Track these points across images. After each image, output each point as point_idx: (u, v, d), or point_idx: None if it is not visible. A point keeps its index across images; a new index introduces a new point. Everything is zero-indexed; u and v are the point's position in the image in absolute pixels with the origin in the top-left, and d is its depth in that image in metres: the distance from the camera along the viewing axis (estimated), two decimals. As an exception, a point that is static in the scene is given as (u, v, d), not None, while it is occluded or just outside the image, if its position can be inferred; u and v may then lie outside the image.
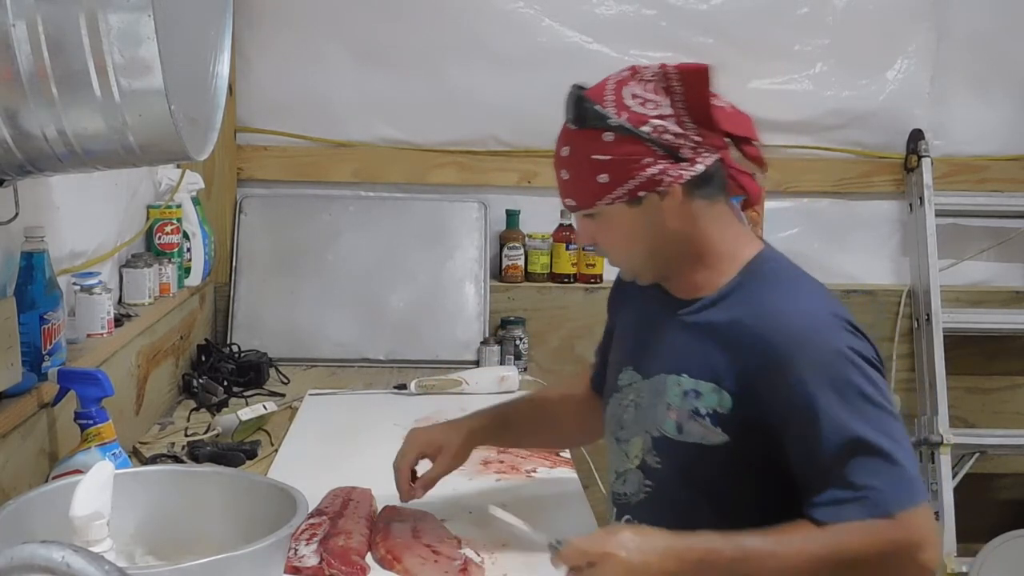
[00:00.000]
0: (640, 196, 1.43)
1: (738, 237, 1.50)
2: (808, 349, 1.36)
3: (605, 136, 1.43)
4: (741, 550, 1.31)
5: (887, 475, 1.31)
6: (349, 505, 1.73)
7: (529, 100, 2.98)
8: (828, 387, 1.33)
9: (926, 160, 3.01)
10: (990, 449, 3.00)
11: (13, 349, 1.51)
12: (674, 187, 1.42)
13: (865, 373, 1.35)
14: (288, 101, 2.99)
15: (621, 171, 1.43)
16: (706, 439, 1.42)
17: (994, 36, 3.08)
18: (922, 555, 1.30)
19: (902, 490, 1.31)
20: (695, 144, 1.43)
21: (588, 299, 3.01)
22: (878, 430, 1.32)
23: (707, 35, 2.98)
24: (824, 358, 1.35)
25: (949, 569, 2.86)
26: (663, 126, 1.41)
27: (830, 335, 1.37)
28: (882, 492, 1.30)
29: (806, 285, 1.48)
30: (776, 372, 1.36)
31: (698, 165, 1.43)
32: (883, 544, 1.29)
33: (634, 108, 1.43)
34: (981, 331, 3.05)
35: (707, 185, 1.45)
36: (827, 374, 1.34)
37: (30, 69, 1.18)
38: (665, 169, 1.42)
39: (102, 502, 1.13)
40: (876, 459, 1.31)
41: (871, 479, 1.30)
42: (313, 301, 2.91)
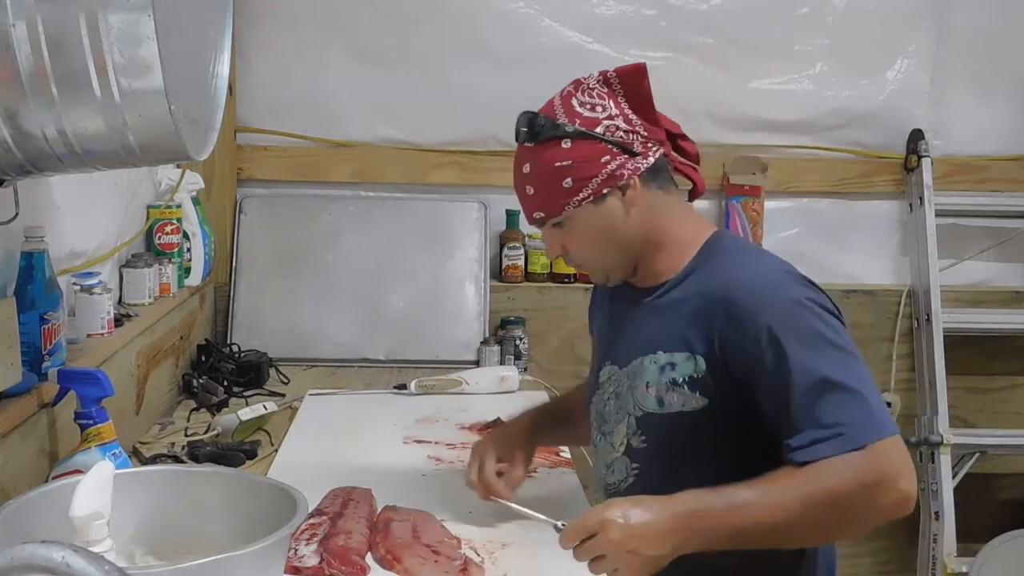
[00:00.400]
0: (604, 193, 1.54)
1: (693, 223, 1.61)
2: (768, 302, 1.44)
3: (563, 143, 1.55)
4: (730, 501, 1.37)
5: (856, 411, 1.37)
6: (349, 505, 1.73)
7: (529, 100, 2.95)
8: (791, 335, 1.40)
9: (926, 160, 3.01)
10: (990, 449, 3.00)
11: (13, 349, 1.51)
12: (633, 180, 1.54)
13: (824, 319, 1.43)
14: (288, 101, 2.99)
15: (583, 172, 1.53)
16: (687, 405, 1.49)
17: (994, 36, 3.08)
18: (901, 483, 1.35)
19: (872, 424, 1.36)
20: (644, 138, 1.54)
21: (588, 299, 2.99)
22: (843, 370, 1.39)
23: (707, 35, 2.98)
24: (784, 309, 1.43)
25: (949, 569, 2.87)
26: (614, 124, 1.53)
27: (787, 288, 1.46)
28: (854, 427, 1.36)
29: (759, 253, 1.60)
30: (741, 328, 1.44)
31: (649, 158, 1.55)
32: (863, 475, 1.35)
33: (584, 114, 1.55)
34: (981, 331, 3.05)
35: (658, 176, 1.57)
36: (789, 323, 1.41)
37: (30, 69, 1.18)
38: (623, 164, 1.53)
39: (102, 502, 1.13)
40: (844, 396, 1.37)
41: (842, 416, 1.36)
42: (313, 301, 2.91)
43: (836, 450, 1.36)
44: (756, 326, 1.42)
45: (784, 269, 1.51)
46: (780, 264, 1.54)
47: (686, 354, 1.50)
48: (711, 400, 1.48)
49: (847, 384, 1.38)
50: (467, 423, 2.31)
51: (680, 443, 1.53)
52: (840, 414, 1.37)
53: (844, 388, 1.38)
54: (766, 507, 1.37)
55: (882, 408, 1.40)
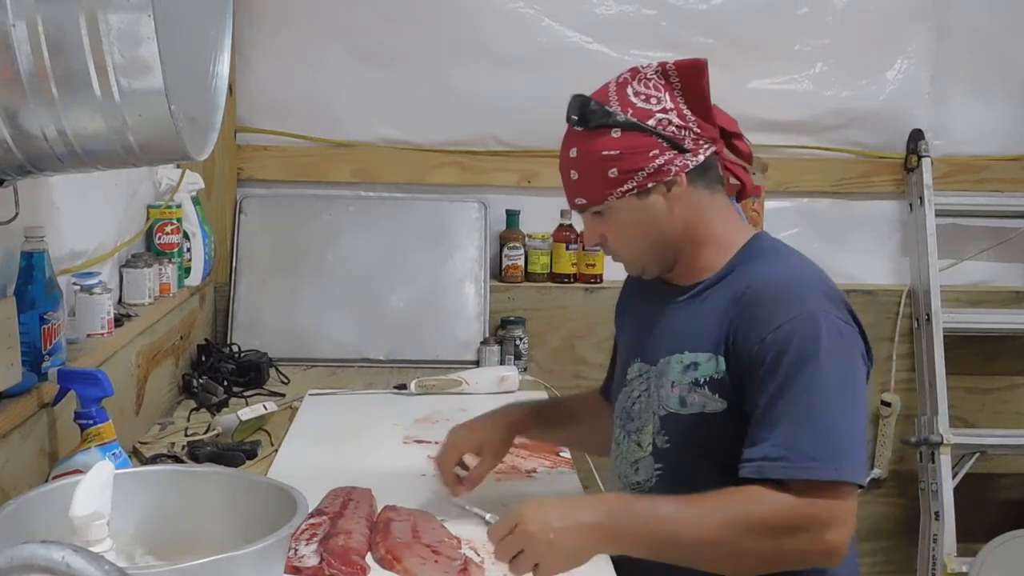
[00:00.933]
0: (649, 187, 1.52)
1: (736, 224, 1.60)
2: (783, 306, 1.41)
3: (613, 133, 1.51)
4: (654, 511, 1.38)
5: (819, 444, 1.34)
6: (349, 505, 1.73)
7: (529, 100, 2.99)
8: (792, 345, 1.38)
9: (926, 160, 3.01)
10: (990, 449, 3.00)
11: (13, 349, 1.51)
12: (680, 177, 1.51)
13: (834, 343, 1.38)
14: (288, 101, 2.99)
15: (630, 164, 1.50)
16: (707, 407, 1.48)
17: (994, 36, 3.08)
18: (828, 534, 1.33)
19: (828, 463, 1.33)
20: (696, 136, 1.51)
21: (588, 299, 3.01)
22: (828, 400, 1.36)
23: (707, 35, 2.98)
24: (797, 317, 1.39)
25: (949, 569, 2.86)
26: (666, 119, 1.50)
27: (807, 297, 1.42)
28: (807, 459, 1.33)
29: (797, 258, 1.55)
30: (755, 325, 1.42)
31: (699, 156, 1.52)
32: (790, 516, 1.33)
33: (638, 104, 1.51)
34: (981, 331, 3.05)
35: (706, 175, 1.54)
36: (795, 332, 1.38)
37: (30, 69, 1.18)
38: (671, 159, 1.50)
39: (102, 502, 1.12)
40: (814, 426, 1.34)
41: (800, 444, 1.34)
42: (313, 301, 2.91)
43: (778, 474, 1.34)
44: (765, 327, 1.41)
45: (816, 277, 1.49)
46: (813, 271, 1.51)
47: (709, 354, 1.48)
48: (729, 403, 1.46)
49: (824, 415, 1.35)
50: (467, 423, 2.31)
51: (699, 445, 1.51)
52: (799, 441, 1.34)
53: (818, 417, 1.35)
54: (686, 523, 1.36)
55: (853, 452, 1.36)
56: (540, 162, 3.02)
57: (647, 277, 1.64)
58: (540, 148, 3.02)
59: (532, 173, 3.03)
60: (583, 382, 3.02)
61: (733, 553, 1.35)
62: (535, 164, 3.02)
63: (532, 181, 3.03)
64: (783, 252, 1.56)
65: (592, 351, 3.02)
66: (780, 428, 1.35)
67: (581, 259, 3.01)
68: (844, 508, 1.34)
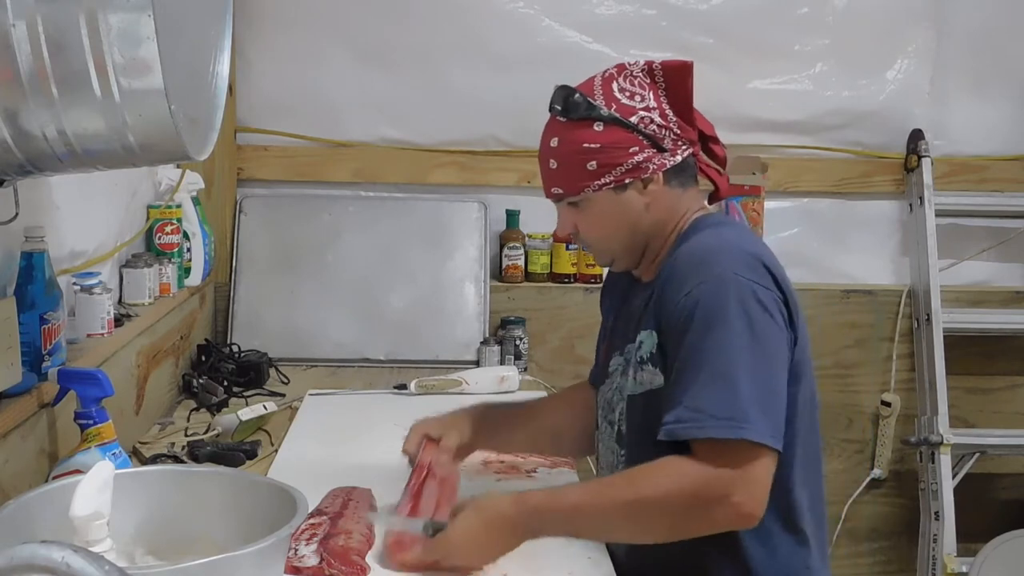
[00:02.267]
0: (626, 183, 1.55)
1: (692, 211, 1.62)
2: (698, 271, 1.43)
3: (595, 126, 1.54)
4: (562, 502, 1.43)
5: (724, 402, 1.34)
6: (349, 505, 1.73)
7: (529, 100, 2.95)
8: (703, 308, 1.40)
9: (926, 160, 3.01)
10: (990, 449, 3.00)
11: (13, 349, 1.51)
12: (657, 175, 1.55)
13: (746, 303, 1.39)
14: (288, 101, 2.99)
15: (610, 159, 1.53)
16: (652, 383, 1.50)
17: (994, 36, 3.08)
18: (733, 497, 1.33)
19: (732, 422, 1.33)
20: (675, 136, 1.55)
21: (588, 299, 3.00)
22: (734, 358, 1.36)
23: (707, 35, 2.99)
24: (710, 281, 1.41)
25: (949, 569, 2.86)
26: (649, 117, 1.53)
27: (725, 262, 1.43)
28: (712, 418, 1.34)
29: (725, 228, 1.58)
30: (671, 295, 1.45)
31: (677, 156, 1.56)
32: (691, 485, 1.35)
33: (623, 100, 1.54)
34: (981, 331, 3.05)
35: (682, 175, 1.58)
36: (706, 295, 1.40)
37: (30, 69, 1.18)
38: (649, 157, 1.53)
39: (102, 502, 1.13)
40: (720, 384, 1.35)
41: (708, 403, 1.35)
42: (313, 301, 2.91)
43: (685, 435, 1.36)
44: (681, 291, 1.43)
45: (736, 246, 1.48)
46: (737, 241, 1.51)
47: (649, 331, 1.52)
48: (666, 376, 1.48)
49: (731, 375, 1.36)
50: (467, 423, 2.31)
51: (648, 423, 1.52)
52: (705, 402, 1.35)
53: (725, 378, 1.36)
54: (594, 510, 1.41)
55: (762, 412, 1.35)
56: (540, 162, 3.02)
57: (616, 270, 1.69)
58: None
59: (532, 173, 3.02)
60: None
61: (645, 529, 1.40)
62: (535, 164, 2.97)
63: (532, 181, 3.03)
64: (719, 224, 1.59)
65: (592, 351, 3.00)
66: (690, 391, 1.37)
67: (581, 259, 3.01)
68: (753, 470, 1.34)
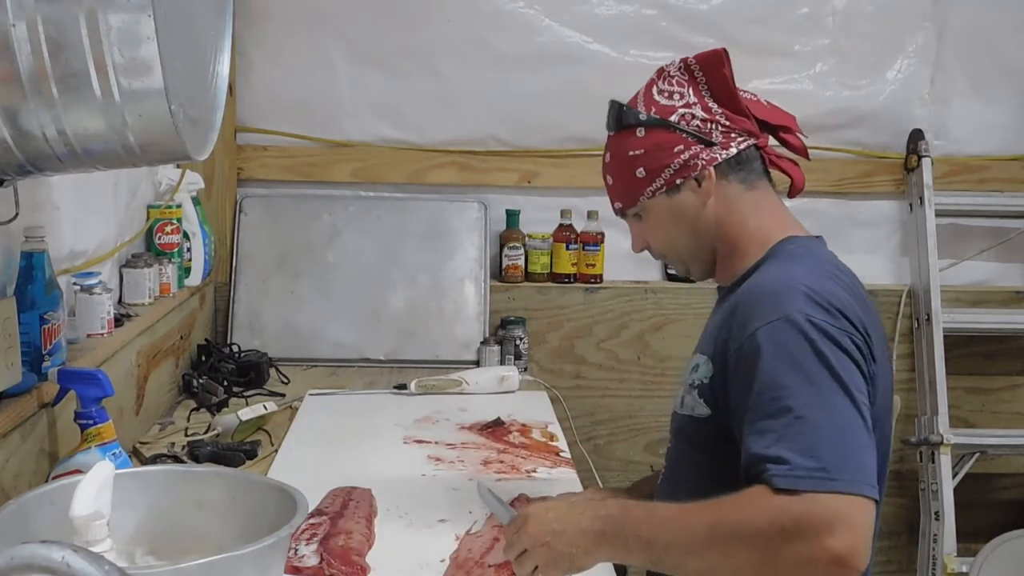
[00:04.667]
0: (678, 184, 1.50)
1: (776, 223, 1.53)
2: (762, 312, 1.33)
3: (638, 132, 1.50)
4: (651, 514, 1.31)
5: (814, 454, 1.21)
6: (349, 505, 1.73)
7: (529, 100, 2.99)
8: (771, 348, 1.29)
9: (926, 160, 3.01)
10: (990, 449, 3.00)
11: (13, 349, 1.51)
12: (708, 170, 1.48)
13: (816, 344, 1.28)
14: (288, 101, 2.99)
15: (656, 162, 1.49)
16: (695, 411, 1.44)
17: (994, 36, 3.08)
18: (827, 539, 1.17)
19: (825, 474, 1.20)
20: (725, 128, 1.49)
21: (588, 299, 3.01)
22: (811, 401, 1.25)
23: (707, 35, 2.98)
24: (776, 322, 1.31)
25: (949, 569, 2.86)
26: (690, 113, 1.49)
27: (791, 301, 1.33)
28: (804, 471, 1.20)
29: (799, 261, 1.45)
30: (733, 334, 1.37)
31: (731, 148, 1.49)
32: (780, 518, 1.19)
33: (661, 102, 1.50)
34: (981, 331, 3.05)
35: (742, 169, 1.50)
36: (773, 337, 1.30)
37: (30, 69, 1.17)
38: (697, 153, 1.48)
39: (102, 502, 1.12)
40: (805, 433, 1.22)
41: (785, 451, 1.22)
42: (313, 301, 2.91)
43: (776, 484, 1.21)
44: (744, 332, 1.34)
45: (805, 283, 1.36)
46: (809, 276, 1.38)
47: (706, 357, 1.43)
48: (713, 412, 1.41)
49: (812, 418, 1.23)
50: (467, 423, 2.32)
51: (684, 447, 1.49)
52: (789, 449, 1.22)
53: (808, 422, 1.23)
54: (678, 526, 1.27)
55: (849, 457, 1.22)
56: (540, 162, 3.02)
57: (694, 278, 1.61)
58: (540, 148, 3.03)
59: (532, 173, 3.03)
60: (583, 382, 3.02)
61: (724, 561, 1.25)
62: (535, 164, 3.02)
63: (532, 181, 3.04)
64: (797, 256, 1.46)
65: (592, 351, 3.02)
66: (771, 436, 1.24)
67: (581, 259, 3.01)
68: (848, 510, 1.19)
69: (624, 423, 3.05)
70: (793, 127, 1.57)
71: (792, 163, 1.57)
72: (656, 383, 3.04)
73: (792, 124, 1.57)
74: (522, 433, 2.25)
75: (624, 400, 3.04)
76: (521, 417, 2.36)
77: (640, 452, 3.06)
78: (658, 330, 3.02)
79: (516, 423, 2.31)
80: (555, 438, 2.24)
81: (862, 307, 1.40)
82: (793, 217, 1.58)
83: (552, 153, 3.03)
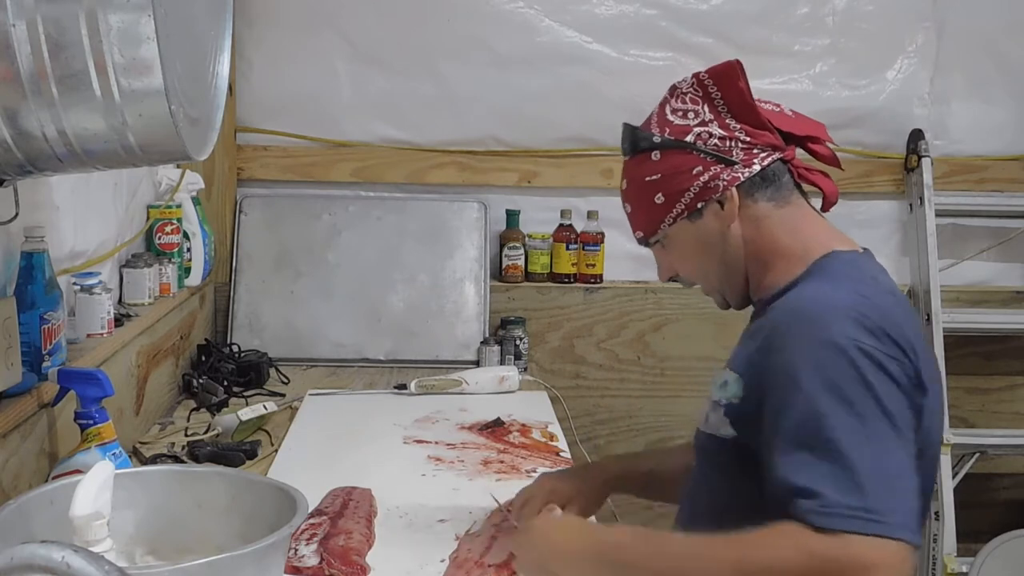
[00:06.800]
0: (699, 207, 1.41)
1: (814, 236, 1.42)
2: (802, 334, 1.23)
3: (653, 155, 1.42)
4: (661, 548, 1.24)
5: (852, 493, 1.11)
6: (349, 505, 1.73)
7: (529, 100, 2.99)
8: (811, 374, 1.19)
9: (926, 160, 3.01)
10: (990, 449, 3.00)
11: (13, 349, 1.51)
12: (730, 191, 1.39)
13: (862, 371, 1.18)
14: (288, 101, 2.99)
15: (674, 186, 1.41)
16: (720, 431, 1.34)
17: (994, 36, 3.08)
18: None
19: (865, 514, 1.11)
20: (746, 144, 1.40)
21: (588, 299, 3.01)
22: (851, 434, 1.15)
23: (707, 35, 2.99)
24: (815, 346, 1.21)
25: (949, 569, 2.86)
26: (706, 132, 1.40)
27: (833, 324, 1.21)
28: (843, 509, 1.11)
29: (849, 279, 1.33)
30: (770, 355, 1.26)
31: (754, 165, 1.40)
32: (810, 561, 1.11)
33: (676, 122, 1.42)
34: (981, 331, 3.05)
35: (769, 186, 1.41)
36: (813, 362, 1.19)
37: (30, 69, 1.18)
38: (717, 174, 1.39)
39: (102, 502, 1.12)
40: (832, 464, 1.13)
41: (824, 486, 1.12)
42: (313, 301, 2.91)
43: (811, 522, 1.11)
44: (781, 356, 1.23)
45: (850, 304, 1.24)
46: (852, 298, 1.26)
47: (737, 375, 1.33)
48: (738, 433, 1.31)
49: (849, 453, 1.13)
50: (467, 423, 2.31)
51: (705, 469, 1.42)
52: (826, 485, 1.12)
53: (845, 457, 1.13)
54: (698, 563, 1.19)
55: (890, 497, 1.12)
56: (540, 162, 3.02)
57: (733, 305, 1.49)
58: (540, 148, 3.03)
59: (532, 173, 3.03)
60: (583, 382, 3.02)
61: None
62: (535, 164, 3.02)
63: (532, 181, 3.04)
64: (840, 275, 1.34)
65: (592, 351, 3.02)
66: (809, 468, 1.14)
67: (581, 259, 3.01)
68: (888, 557, 1.10)
69: (624, 423, 3.05)
70: (822, 136, 1.47)
71: (822, 175, 1.47)
72: (656, 383, 3.04)
73: (820, 133, 1.48)
74: (522, 433, 2.25)
75: (624, 400, 3.04)
76: (521, 417, 2.36)
77: (640, 452, 3.06)
78: (658, 330, 3.03)
79: (516, 423, 2.31)
80: (555, 438, 2.24)
81: (912, 330, 1.28)
82: (836, 230, 1.46)
83: (552, 153, 3.03)
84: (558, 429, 2.31)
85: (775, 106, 1.48)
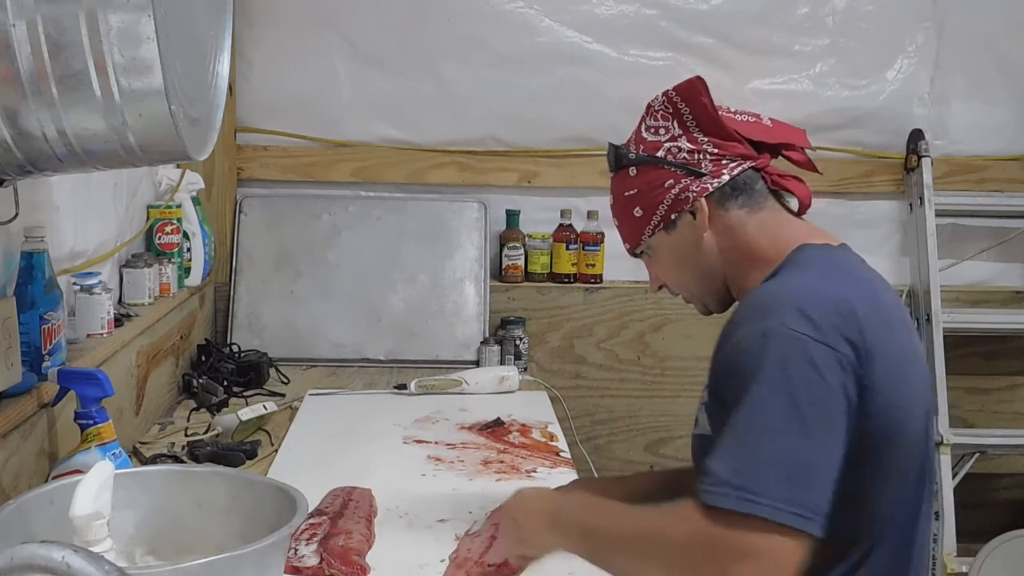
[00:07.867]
0: (673, 219, 1.46)
1: (789, 238, 1.44)
2: (747, 322, 1.28)
3: (630, 172, 1.49)
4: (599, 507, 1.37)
5: (741, 473, 1.16)
6: (349, 505, 1.73)
7: (529, 100, 2.99)
8: (744, 363, 1.23)
9: (926, 160, 3.01)
10: (990, 449, 3.00)
11: (13, 349, 1.51)
12: (699, 202, 1.44)
13: (787, 362, 1.21)
14: (288, 101, 2.99)
15: (649, 200, 1.47)
16: (704, 429, 1.39)
17: (994, 36, 3.08)
18: (736, 568, 1.12)
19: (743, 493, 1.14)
20: (715, 156, 1.44)
21: (588, 299, 3.01)
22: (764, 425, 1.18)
23: (707, 35, 2.99)
24: (752, 335, 1.25)
25: (949, 569, 2.86)
26: (676, 146, 1.46)
27: (775, 314, 1.25)
28: (727, 487, 1.15)
29: (812, 270, 1.36)
30: (724, 341, 1.32)
31: (723, 175, 1.44)
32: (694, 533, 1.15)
33: (649, 139, 1.48)
34: (981, 331, 3.05)
35: (741, 194, 1.45)
36: (746, 350, 1.24)
37: (30, 69, 1.18)
38: (687, 186, 1.44)
39: (102, 502, 1.12)
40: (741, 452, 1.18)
41: (725, 470, 1.16)
42: (313, 301, 2.91)
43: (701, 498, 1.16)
44: (730, 340, 1.29)
45: (800, 292, 1.28)
46: (809, 285, 1.31)
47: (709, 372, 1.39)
48: (712, 431, 1.33)
49: (752, 440, 1.18)
50: (467, 423, 2.32)
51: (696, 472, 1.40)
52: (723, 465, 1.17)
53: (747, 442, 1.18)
54: (615, 524, 1.28)
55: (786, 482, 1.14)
56: (540, 162, 3.02)
57: (716, 312, 1.54)
58: (540, 148, 3.03)
59: (532, 173, 3.03)
60: (583, 382, 3.02)
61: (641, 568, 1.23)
62: (535, 164, 3.02)
63: (532, 181, 3.04)
64: (804, 264, 1.38)
65: (592, 351, 3.02)
66: (718, 450, 1.20)
67: (581, 259, 3.01)
68: (766, 541, 1.12)
69: (624, 423, 3.05)
70: (797, 142, 1.51)
71: (796, 180, 1.50)
72: (656, 383, 3.04)
73: (796, 139, 1.51)
74: (522, 433, 2.25)
75: (624, 400, 3.04)
76: (521, 417, 2.36)
77: (640, 452, 3.06)
78: (658, 330, 3.03)
79: (516, 423, 2.31)
80: (555, 438, 2.24)
81: (876, 316, 1.29)
82: (816, 229, 1.48)
83: (552, 153, 3.03)
84: (558, 429, 2.31)
85: (753, 116, 1.51)
